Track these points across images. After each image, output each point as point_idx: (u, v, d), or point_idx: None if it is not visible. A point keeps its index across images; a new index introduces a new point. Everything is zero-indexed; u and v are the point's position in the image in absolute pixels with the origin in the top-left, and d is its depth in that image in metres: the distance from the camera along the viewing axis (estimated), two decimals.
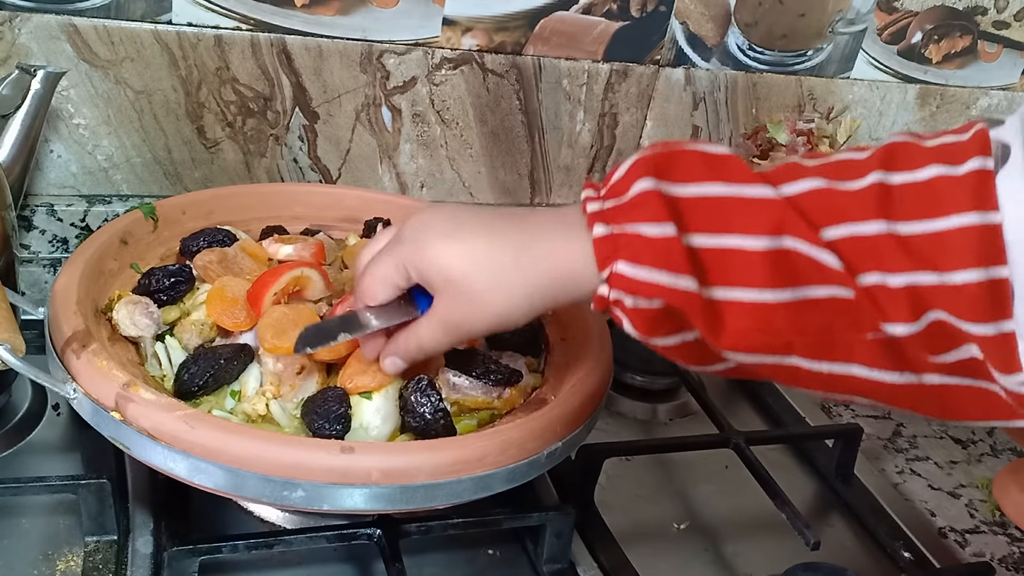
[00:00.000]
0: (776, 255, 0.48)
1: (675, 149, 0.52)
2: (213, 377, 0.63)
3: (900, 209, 0.47)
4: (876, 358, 0.49)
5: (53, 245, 0.89)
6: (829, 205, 0.48)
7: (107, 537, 0.65)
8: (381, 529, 0.64)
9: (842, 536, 0.80)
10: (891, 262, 0.46)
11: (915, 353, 0.48)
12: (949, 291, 0.45)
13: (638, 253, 0.49)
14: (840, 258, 0.47)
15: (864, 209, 0.47)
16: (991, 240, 0.44)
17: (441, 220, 0.57)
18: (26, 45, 0.81)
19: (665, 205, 0.49)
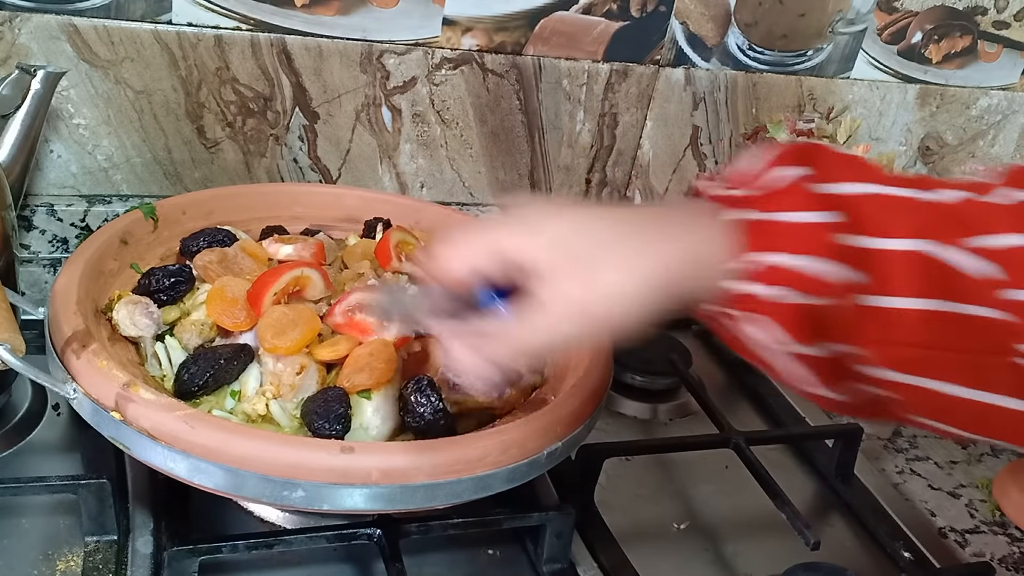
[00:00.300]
0: (923, 258, 0.44)
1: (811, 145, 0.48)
2: (213, 377, 0.63)
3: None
4: (1018, 386, 0.45)
5: (53, 245, 0.89)
6: (978, 213, 0.45)
7: (107, 537, 0.65)
8: (381, 529, 0.64)
9: (842, 536, 0.80)
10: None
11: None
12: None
13: (782, 241, 0.44)
14: (989, 270, 0.44)
15: (1011, 220, 0.44)
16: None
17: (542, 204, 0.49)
18: (26, 45, 0.81)
19: (817, 198, 0.45)
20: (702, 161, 1.12)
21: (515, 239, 0.47)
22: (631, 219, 0.48)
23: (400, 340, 0.68)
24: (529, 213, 0.48)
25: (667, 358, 0.93)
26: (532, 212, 0.48)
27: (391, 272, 0.77)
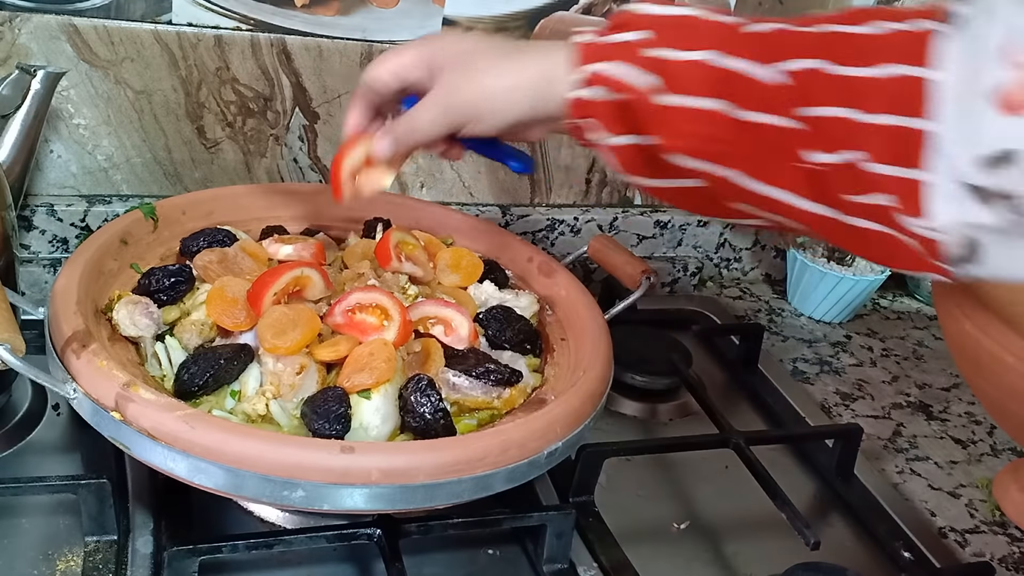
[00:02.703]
0: (729, 72, 0.54)
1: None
2: (213, 377, 0.63)
3: (844, 53, 0.52)
4: (802, 186, 0.54)
5: (53, 245, 0.89)
6: (784, 41, 0.54)
7: (107, 537, 0.65)
8: (381, 529, 0.64)
9: (842, 536, 0.80)
10: (824, 96, 0.52)
11: (833, 188, 0.53)
12: (868, 130, 0.50)
13: (609, 54, 0.57)
14: (784, 86, 0.53)
15: (813, 48, 0.53)
16: (919, 92, 0.49)
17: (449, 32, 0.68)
18: (26, 45, 0.81)
19: (642, 21, 0.57)
20: None
21: (425, 50, 0.66)
22: (510, 44, 0.65)
23: (400, 340, 0.68)
24: (438, 36, 0.68)
25: (667, 358, 0.93)
26: (440, 36, 0.67)
27: (391, 272, 0.77)
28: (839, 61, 0.52)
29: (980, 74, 0.48)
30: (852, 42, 0.52)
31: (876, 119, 0.50)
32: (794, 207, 0.55)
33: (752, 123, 0.54)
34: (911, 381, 1.06)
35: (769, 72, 0.53)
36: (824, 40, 0.53)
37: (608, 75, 0.57)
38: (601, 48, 0.58)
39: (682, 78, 0.55)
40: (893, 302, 1.25)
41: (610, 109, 0.58)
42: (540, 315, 0.80)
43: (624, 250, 0.88)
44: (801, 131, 0.53)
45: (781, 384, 0.98)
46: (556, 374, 0.74)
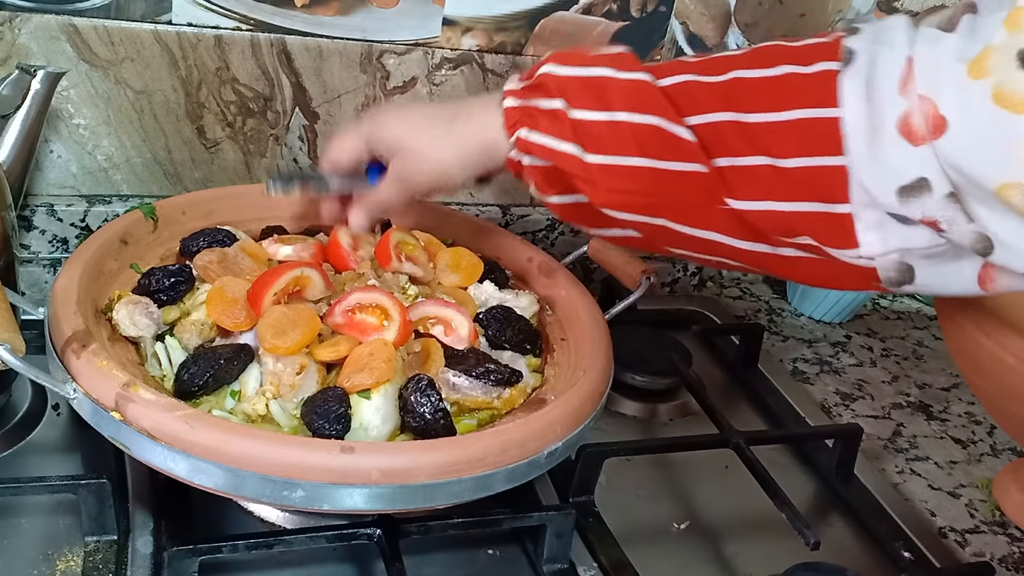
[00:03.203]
0: (644, 129, 0.57)
1: (578, 48, 0.63)
2: (213, 377, 0.63)
3: (750, 102, 0.54)
4: (732, 228, 0.57)
5: (53, 245, 0.89)
6: (692, 94, 0.57)
7: (107, 537, 0.65)
8: (381, 529, 0.64)
9: (842, 536, 0.80)
10: (736, 146, 0.54)
11: (763, 229, 0.55)
12: (783, 174, 0.52)
13: (535, 122, 0.61)
14: (697, 139, 0.55)
15: (719, 100, 0.55)
16: (828, 132, 0.51)
17: (392, 107, 0.80)
18: (26, 45, 0.81)
19: (558, 84, 0.60)
20: None
21: (370, 136, 0.70)
22: (445, 114, 0.68)
23: (400, 340, 0.68)
24: (375, 117, 0.70)
25: (667, 358, 0.93)
26: (378, 115, 0.70)
27: (391, 272, 0.77)
28: (746, 110, 0.54)
29: (883, 107, 0.49)
30: (757, 89, 0.55)
31: (790, 163, 0.52)
32: (729, 246, 0.58)
33: (673, 173, 0.56)
34: (911, 381, 1.06)
35: (680, 128, 0.56)
36: (730, 90, 0.55)
37: (534, 143, 0.61)
38: (525, 113, 0.62)
39: (601, 138, 0.58)
40: (893, 302, 1.25)
41: (542, 173, 0.62)
42: (540, 315, 0.80)
43: (624, 250, 0.88)
44: (720, 180, 0.55)
45: (781, 384, 0.98)
46: (556, 374, 0.74)
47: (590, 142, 0.58)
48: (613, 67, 0.60)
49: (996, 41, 0.45)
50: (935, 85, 0.47)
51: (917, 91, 0.48)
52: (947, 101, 0.47)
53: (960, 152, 0.47)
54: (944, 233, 0.50)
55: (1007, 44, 0.44)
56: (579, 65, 0.61)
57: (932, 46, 0.48)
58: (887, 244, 0.52)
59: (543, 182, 0.63)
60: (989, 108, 0.45)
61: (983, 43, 0.45)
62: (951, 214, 0.49)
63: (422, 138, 0.67)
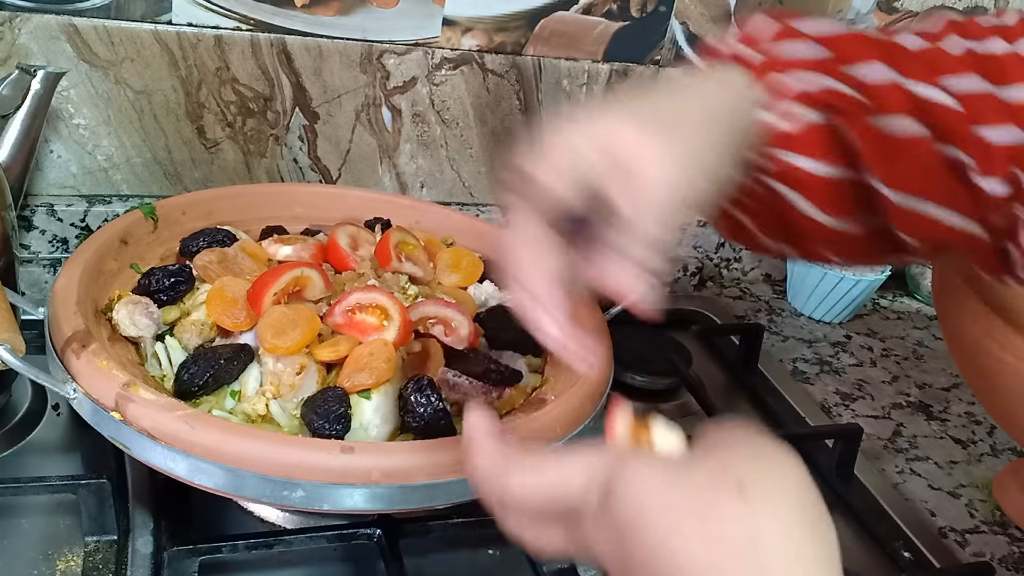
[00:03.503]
0: (915, 96, 0.49)
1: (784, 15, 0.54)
2: (213, 377, 0.63)
3: (991, 73, 0.50)
4: (967, 206, 0.51)
5: (53, 245, 0.89)
6: (942, 58, 0.51)
7: (107, 537, 0.65)
8: (381, 529, 0.64)
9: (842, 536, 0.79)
10: (994, 116, 0.49)
11: (991, 206, 0.50)
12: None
13: (804, 60, 0.49)
14: (957, 104, 0.49)
15: (967, 66, 0.50)
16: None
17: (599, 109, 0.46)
18: (26, 45, 0.81)
19: (807, 35, 0.50)
20: None
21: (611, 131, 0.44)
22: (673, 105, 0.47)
23: (400, 340, 0.68)
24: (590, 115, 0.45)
25: (667, 358, 0.93)
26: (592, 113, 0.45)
27: (391, 272, 0.77)
28: (991, 80, 0.50)
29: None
30: (990, 63, 0.51)
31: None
32: (964, 232, 0.52)
33: (943, 155, 0.50)
34: (911, 381, 1.06)
35: (944, 95, 0.50)
36: (970, 61, 0.51)
37: (820, 89, 0.49)
38: (793, 61, 0.49)
39: (888, 100, 0.49)
40: (893, 302, 1.25)
41: (821, 133, 0.50)
42: None
43: None
44: (973, 158, 0.50)
45: (781, 384, 0.98)
46: (556, 374, 0.74)
47: (879, 101, 0.49)
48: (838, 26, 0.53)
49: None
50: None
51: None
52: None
53: None
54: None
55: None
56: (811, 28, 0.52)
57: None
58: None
59: (815, 143, 0.50)
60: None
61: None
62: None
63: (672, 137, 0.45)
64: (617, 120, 0.44)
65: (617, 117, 0.44)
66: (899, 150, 0.50)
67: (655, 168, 0.43)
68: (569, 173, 0.44)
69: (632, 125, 0.44)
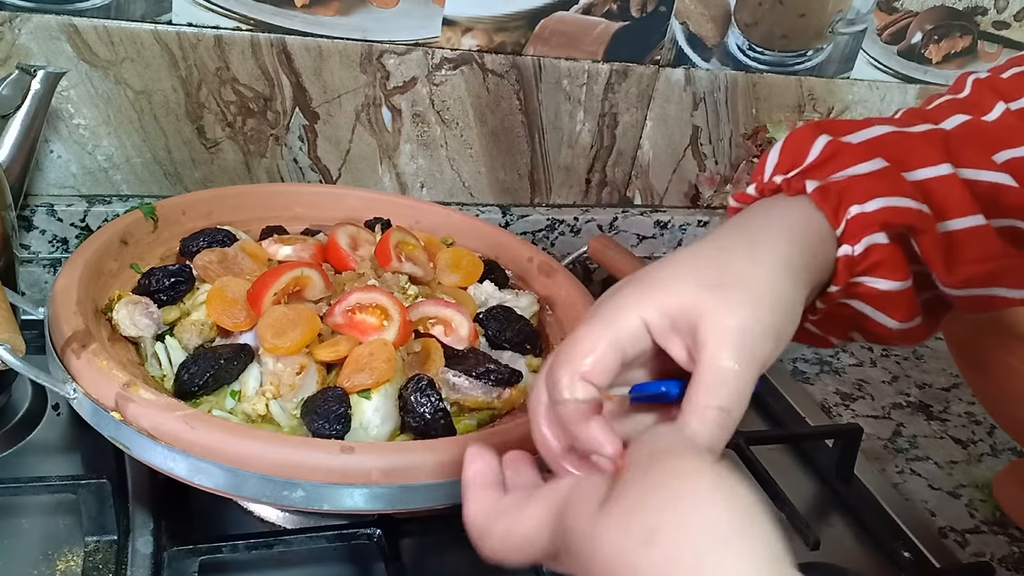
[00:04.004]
0: (967, 183, 0.49)
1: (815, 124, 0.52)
2: (213, 377, 0.63)
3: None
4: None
5: (53, 245, 0.89)
6: (984, 134, 0.50)
7: (107, 537, 0.65)
8: (381, 529, 0.64)
9: (842, 536, 0.80)
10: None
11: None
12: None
13: (867, 189, 0.47)
14: (1010, 178, 0.49)
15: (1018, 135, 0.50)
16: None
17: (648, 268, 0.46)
18: (26, 45, 0.81)
19: (863, 150, 0.49)
20: (702, 161, 1.12)
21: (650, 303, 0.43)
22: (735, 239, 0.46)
23: (400, 340, 0.68)
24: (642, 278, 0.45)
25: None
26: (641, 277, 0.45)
27: (391, 272, 0.77)
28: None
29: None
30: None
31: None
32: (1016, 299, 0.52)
33: (1007, 228, 0.50)
34: (911, 381, 1.06)
35: (994, 173, 0.50)
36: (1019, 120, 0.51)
37: (890, 210, 0.47)
38: (854, 183, 0.47)
39: (947, 199, 0.48)
40: None
41: (897, 255, 0.48)
42: (540, 315, 0.80)
43: (624, 250, 0.88)
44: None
45: (781, 384, 0.98)
46: None
47: (940, 202, 0.48)
48: (886, 123, 0.52)
49: None
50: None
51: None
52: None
53: None
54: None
55: None
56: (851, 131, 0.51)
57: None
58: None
59: (892, 261, 0.48)
60: None
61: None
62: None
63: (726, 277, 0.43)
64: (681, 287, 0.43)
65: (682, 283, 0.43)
66: (961, 245, 0.49)
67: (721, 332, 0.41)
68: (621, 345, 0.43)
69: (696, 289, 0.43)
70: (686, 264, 0.44)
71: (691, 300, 0.42)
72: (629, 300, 0.43)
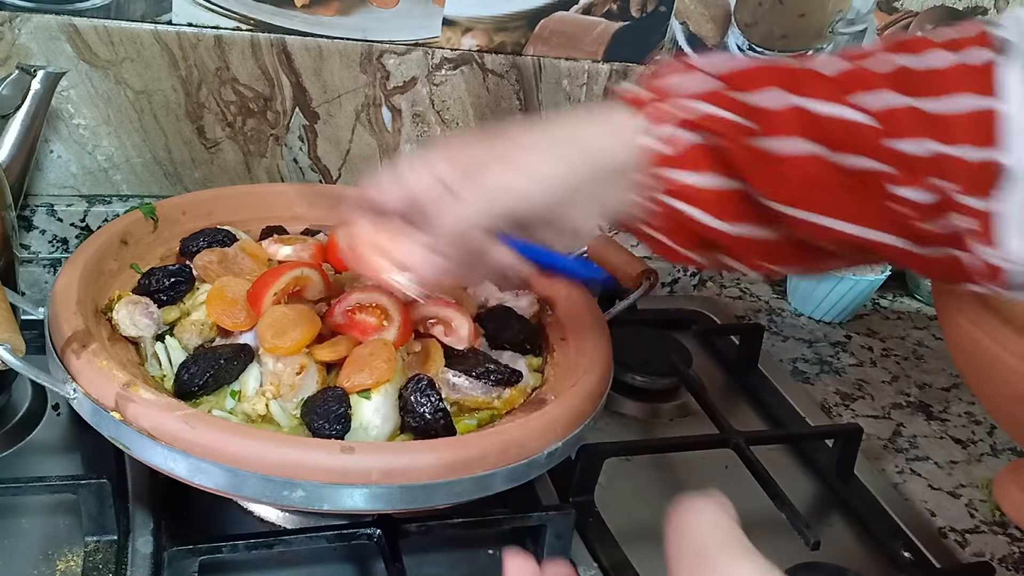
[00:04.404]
0: (813, 115, 0.51)
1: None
2: (213, 377, 0.63)
3: (917, 88, 0.50)
4: (884, 222, 0.52)
5: (53, 245, 0.89)
6: (859, 77, 0.52)
7: (107, 537, 0.65)
8: (381, 529, 0.64)
9: (842, 536, 0.80)
10: (911, 129, 0.50)
11: (915, 219, 0.51)
12: (954, 162, 0.49)
13: (695, 95, 0.52)
14: (868, 122, 0.50)
15: (889, 82, 0.51)
16: (990, 124, 0.48)
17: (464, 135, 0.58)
18: (26, 45, 0.81)
19: (703, 69, 0.53)
20: None
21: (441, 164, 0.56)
22: (534, 130, 0.57)
23: (400, 340, 0.68)
24: (458, 139, 0.58)
25: (667, 358, 0.93)
26: (460, 138, 0.58)
27: None
28: (915, 94, 0.50)
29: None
30: (921, 77, 0.51)
31: (959, 151, 0.49)
32: (873, 241, 0.53)
33: (847, 167, 0.51)
34: (911, 381, 1.06)
35: (853, 111, 0.51)
36: (895, 77, 0.51)
37: (699, 115, 0.52)
38: (679, 93, 0.53)
39: (776, 122, 0.52)
40: (893, 302, 1.25)
41: (701, 152, 0.53)
42: (540, 315, 0.80)
43: (624, 250, 0.88)
44: (890, 169, 0.51)
45: (781, 384, 0.98)
46: (556, 374, 0.74)
47: (766, 123, 0.51)
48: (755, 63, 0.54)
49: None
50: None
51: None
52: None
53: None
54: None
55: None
56: (713, 63, 0.54)
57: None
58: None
59: (698, 159, 0.53)
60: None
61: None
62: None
63: (510, 147, 0.55)
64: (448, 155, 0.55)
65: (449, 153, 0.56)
66: (785, 168, 0.52)
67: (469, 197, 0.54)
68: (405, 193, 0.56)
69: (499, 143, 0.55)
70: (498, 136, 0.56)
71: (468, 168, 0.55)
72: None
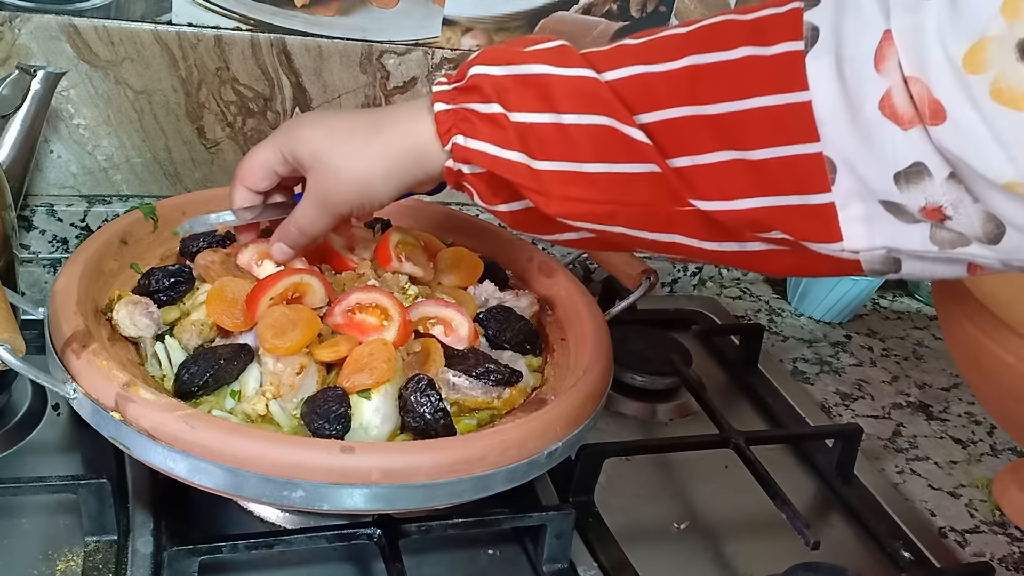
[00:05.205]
0: (595, 131, 0.53)
1: (512, 41, 0.59)
2: (213, 377, 0.63)
3: (711, 91, 0.49)
4: (696, 230, 0.53)
5: (53, 245, 0.89)
6: (645, 88, 0.52)
7: (107, 537, 0.65)
8: (381, 529, 0.64)
9: (842, 536, 0.80)
10: (698, 144, 0.50)
11: (733, 228, 0.51)
12: (756, 167, 0.48)
13: (473, 127, 0.56)
14: (653, 140, 0.51)
15: (675, 94, 0.51)
16: (800, 118, 0.46)
17: (309, 114, 0.70)
18: (26, 45, 0.81)
19: (494, 85, 0.55)
20: None
21: (286, 140, 0.64)
22: (365, 121, 0.62)
23: (400, 340, 0.68)
24: (291, 127, 0.65)
25: (667, 358, 0.93)
26: (294, 125, 0.65)
27: (391, 272, 0.77)
28: (706, 101, 0.50)
29: (860, 87, 0.45)
30: (717, 77, 0.50)
31: (761, 154, 0.48)
32: (692, 247, 0.54)
33: (629, 177, 0.52)
34: (911, 381, 1.06)
35: (633, 129, 0.52)
36: (686, 79, 0.51)
37: (473, 150, 0.56)
38: (460, 118, 0.57)
39: (549, 142, 0.54)
40: (893, 302, 1.25)
41: (486, 182, 0.58)
42: (540, 315, 0.80)
43: None
44: (682, 181, 0.51)
45: (781, 384, 0.98)
46: (556, 374, 0.74)
47: (537, 147, 0.54)
48: (552, 63, 0.55)
49: (994, 31, 0.41)
50: (924, 67, 0.43)
51: (903, 71, 0.43)
52: (943, 89, 0.42)
53: (962, 146, 0.43)
54: (949, 221, 0.46)
55: (1005, 35, 0.40)
56: (514, 63, 0.56)
57: (912, 17, 0.43)
58: (873, 239, 0.48)
59: (488, 191, 0.58)
60: (989, 105, 0.41)
61: (979, 33, 0.41)
62: (956, 196, 0.44)
63: (341, 149, 0.61)
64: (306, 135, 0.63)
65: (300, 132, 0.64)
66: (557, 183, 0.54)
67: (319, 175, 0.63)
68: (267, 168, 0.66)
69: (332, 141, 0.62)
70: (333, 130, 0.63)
71: (308, 159, 0.63)
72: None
